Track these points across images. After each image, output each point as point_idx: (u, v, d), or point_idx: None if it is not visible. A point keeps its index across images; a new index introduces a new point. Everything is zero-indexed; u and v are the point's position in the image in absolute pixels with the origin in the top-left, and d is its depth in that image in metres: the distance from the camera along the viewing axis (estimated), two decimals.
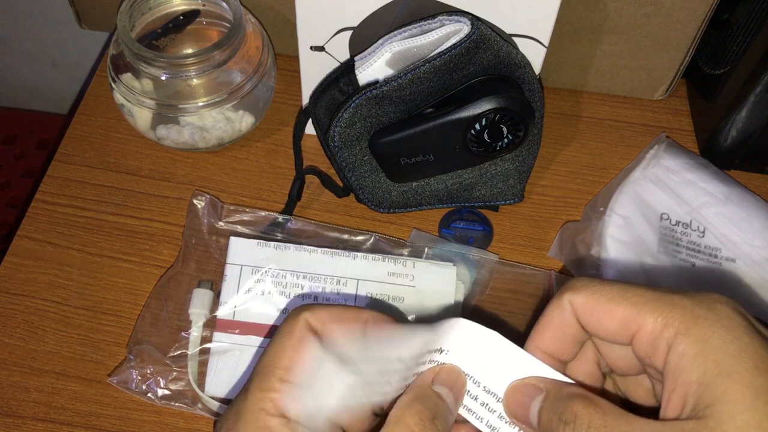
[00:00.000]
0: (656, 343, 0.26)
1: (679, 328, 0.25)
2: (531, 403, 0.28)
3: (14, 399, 0.46)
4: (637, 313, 0.26)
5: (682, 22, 0.53)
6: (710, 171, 0.53)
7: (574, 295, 0.28)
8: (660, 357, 0.26)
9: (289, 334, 0.30)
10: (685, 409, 0.24)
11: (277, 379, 0.29)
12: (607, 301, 0.27)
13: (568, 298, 0.28)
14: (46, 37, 0.91)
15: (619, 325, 0.27)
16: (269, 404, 0.29)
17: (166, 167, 0.56)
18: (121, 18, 0.51)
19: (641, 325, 0.26)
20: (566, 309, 0.28)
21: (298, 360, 0.30)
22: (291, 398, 0.29)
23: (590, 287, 0.28)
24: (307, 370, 0.30)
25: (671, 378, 0.25)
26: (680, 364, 0.25)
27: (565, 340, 0.29)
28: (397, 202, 0.52)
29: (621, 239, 0.50)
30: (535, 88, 0.48)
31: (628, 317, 0.26)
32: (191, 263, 0.50)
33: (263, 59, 0.54)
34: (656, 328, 0.26)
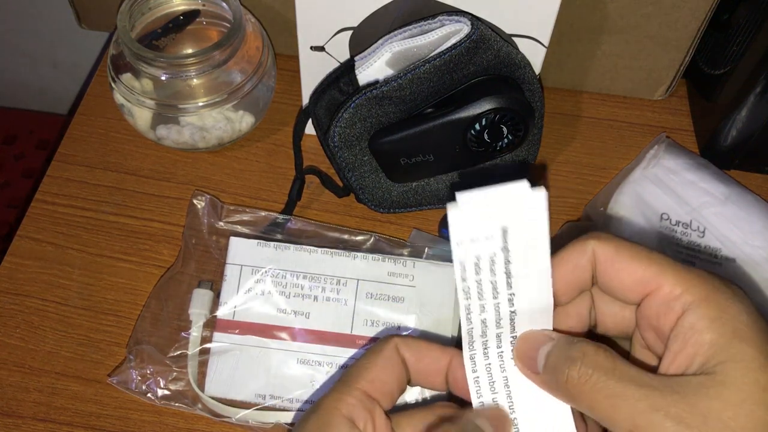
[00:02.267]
0: (672, 304, 0.26)
1: (699, 294, 0.26)
2: (540, 348, 0.29)
3: (14, 399, 0.46)
4: (659, 273, 0.27)
5: (682, 22, 0.53)
6: (710, 171, 0.53)
7: (599, 242, 0.28)
8: (671, 318, 0.26)
9: (379, 352, 0.32)
10: (691, 367, 0.25)
11: (358, 388, 0.31)
12: (629, 256, 0.28)
13: (593, 244, 0.29)
14: (46, 37, 0.91)
15: (636, 281, 0.27)
16: (343, 405, 0.30)
17: (166, 167, 0.56)
18: (121, 18, 0.51)
19: (660, 285, 0.27)
20: (587, 253, 0.29)
21: (382, 377, 0.32)
22: (364, 409, 0.31)
23: (616, 240, 0.28)
24: (387, 387, 0.32)
25: (681, 339, 0.26)
26: (696, 326, 0.26)
27: (572, 281, 0.30)
28: (397, 202, 0.52)
29: None
30: (535, 88, 0.48)
31: (649, 276, 0.27)
32: (191, 263, 0.50)
33: (263, 59, 0.54)
34: (675, 291, 0.26)
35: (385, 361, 0.32)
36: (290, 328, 0.46)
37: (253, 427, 0.44)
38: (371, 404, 0.31)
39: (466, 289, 0.29)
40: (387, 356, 0.32)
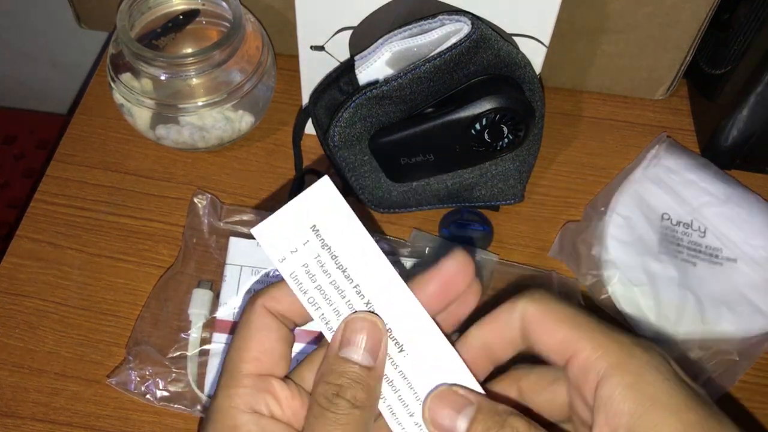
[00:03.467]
0: (589, 371, 0.26)
1: (613, 361, 0.26)
2: (458, 417, 0.27)
3: (13, 399, 0.46)
4: (576, 338, 0.27)
5: (682, 21, 0.53)
6: (711, 171, 0.53)
7: (528, 303, 0.28)
8: (590, 386, 0.26)
9: (247, 325, 0.29)
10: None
11: (244, 374, 0.28)
12: (553, 319, 0.28)
13: (523, 303, 0.29)
14: (46, 37, 0.91)
15: (557, 344, 0.27)
16: (238, 400, 0.28)
17: (166, 167, 0.56)
18: (121, 18, 0.51)
19: (577, 350, 0.27)
20: (516, 312, 0.29)
21: (265, 349, 0.29)
22: (261, 392, 0.28)
23: (545, 302, 0.28)
24: (276, 354, 0.29)
25: (602, 409, 0.25)
26: (613, 395, 0.25)
27: (503, 338, 0.29)
28: (397, 202, 0.52)
29: (622, 239, 0.50)
30: (535, 88, 0.48)
31: (568, 340, 0.27)
32: (191, 263, 0.50)
33: (263, 59, 0.54)
34: (591, 357, 0.26)
35: (260, 332, 0.29)
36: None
37: None
38: (265, 383, 0.28)
39: (311, 300, 0.29)
40: (260, 325, 0.29)
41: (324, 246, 0.29)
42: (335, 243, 0.29)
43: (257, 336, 0.29)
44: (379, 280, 0.29)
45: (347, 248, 0.29)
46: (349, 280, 0.29)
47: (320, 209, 0.29)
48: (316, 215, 0.29)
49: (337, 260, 0.29)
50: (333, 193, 0.29)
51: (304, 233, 0.29)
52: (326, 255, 0.29)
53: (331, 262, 0.29)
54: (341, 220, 0.29)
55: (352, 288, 0.29)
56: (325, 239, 0.29)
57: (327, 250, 0.29)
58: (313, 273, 0.29)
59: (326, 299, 0.29)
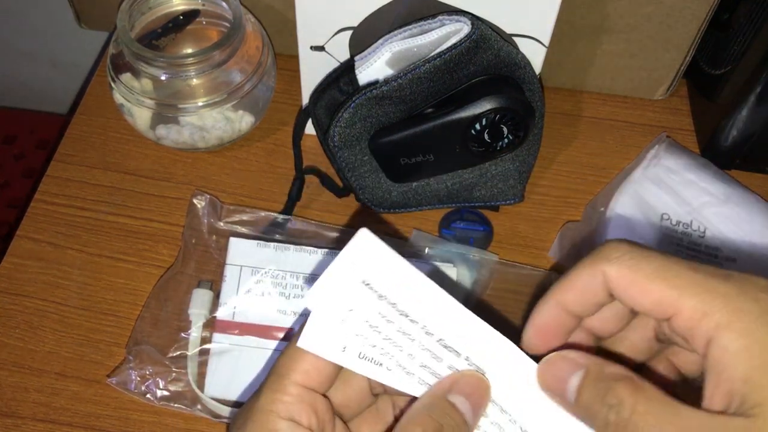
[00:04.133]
0: (694, 331, 0.24)
1: (720, 320, 0.24)
2: (569, 378, 0.27)
3: (13, 399, 0.46)
4: (676, 296, 0.25)
5: (682, 21, 0.53)
6: (711, 171, 0.53)
7: (609, 266, 0.26)
8: (699, 344, 0.24)
9: None
10: (732, 405, 0.23)
11: (292, 383, 0.28)
12: (644, 279, 0.25)
13: (603, 268, 0.26)
14: (46, 37, 0.91)
15: (655, 304, 0.25)
16: (280, 406, 0.28)
17: (166, 167, 0.56)
18: (121, 18, 0.51)
19: (679, 309, 0.25)
20: (597, 278, 0.27)
21: (317, 364, 0.29)
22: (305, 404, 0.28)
23: (627, 260, 0.26)
24: (326, 372, 0.29)
25: (714, 372, 0.24)
26: (723, 359, 0.24)
27: (588, 303, 0.28)
28: (397, 202, 0.52)
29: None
30: (535, 88, 0.48)
31: (666, 299, 0.25)
32: (191, 263, 0.50)
33: (263, 59, 0.54)
34: (695, 316, 0.24)
35: None
36: (290, 329, 0.46)
37: None
38: (312, 397, 0.29)
39: (383, 352, 0.28)
40: None
41: (380, 297, 0.28)
42: (390, 292, 0.28)
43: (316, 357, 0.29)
44: (444, 315, 0.28)
45: (404, 293, 0.28)
46: (415, 323, 0.28)
47: (366, 262, 0.28)
48: (364, 269, 0.28)
49: (396, 307, 0.28)
50: (375, 243, 0.28)
51: (357, 290, 0.28)
52: (384, 306, 0.28)
53: (393, 311, 0.28)
54: (391, 268, 0.28)
55: (419, 330, 0.28)
56: (380, 291, 0.28)
57: (383, 300, 0.28)
58: (377, 325, 0.28)
59: (396, 346, 0.28)
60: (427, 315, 0.28)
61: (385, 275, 0.28)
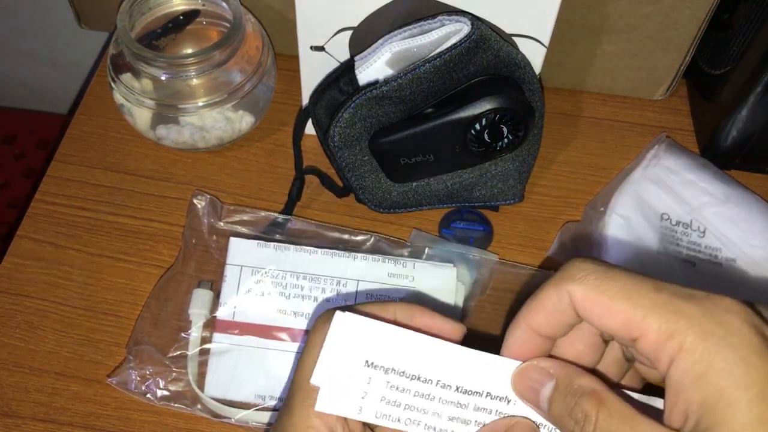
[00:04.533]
0: (658, 353, 0.25)
1: (683, 342, 0.24)
2: (541, 389, 0.28)
3: (14, 399, 0.46)
4: (641, 318, 0.25)
5: (682, 22, 0.53)
6: (710, 171, 0.53)
7: (574, 286, 0.26)
8: (662, 365, 0.25)
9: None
10: (687, 424, 0.24)
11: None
12: (608, 300, 0.26)
13: (568, 289, 0.27)
14: (46, 37, 0.91)
15: (621, 325, 0.26)
16: (316, 421, 0.28)
17: (166, 167, 0.56)
18: (121, 18, 0.51)
19: (644, 331, 0.25)
20: (564, 299, 0.27)
21: None
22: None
23: (592, 280, 0.26)
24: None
25: (673, 391, 0.25)
26: (683, 382, 0.24)
27: (558, 324, 0.28)
28: (397, 202, 0.52)
29: (621, 239, 0.50)
30: (535, 88, 0.48)
31: (631, 320, 0.25)
32: (191, 263, 0.50)
33: (263, 59, 0.54)
34: (660, 338, 0.24)
35: None
36: (290, 329, 0.46)
37: (253, 427, 0.44)
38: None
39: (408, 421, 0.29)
40: None
41: (387, 371, 0.29)
42: (393, 361, 0.29)
43: None
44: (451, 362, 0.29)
45: (406, 357, 0.29)
46: (428, 381, 0.29)
47: (357, 341, 0.28)
48: (358, 350, 0.28)
49: (405, 374, 0.29)
50: (356, 321, 0.28)
51: (362, 372, 0.28)
52: (394, 378, 0.29)
53: (402, 378, 0.29)
54: (382, 338, 0.29)
55: (435, 386, 0.29)
56: (383, 365, 0.29)
57: (392, 372, 0.29)
58: (394, 399, 0.29)
59: (420, 411, 0.29)
60: (436, 369, 0.29)
61: (381, 347, 0.29)
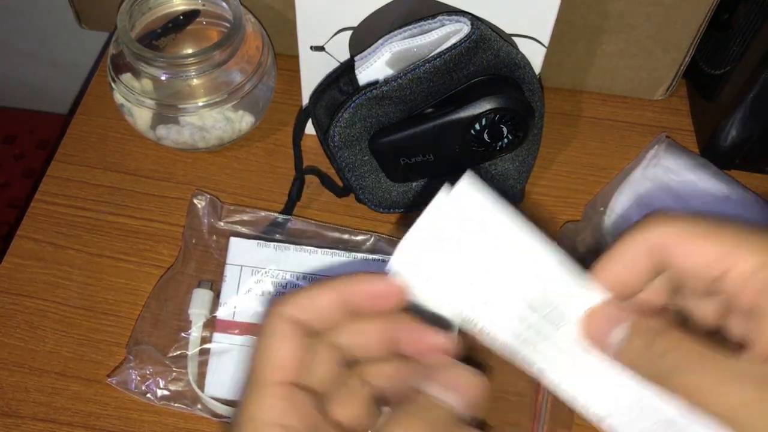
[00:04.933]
0: (749, 282, 0.25)
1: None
2: (612, 330, 0.27)
3: (14, 399, 0.46)
4: (733, 250, 0.25)
5: (682, 22, 0.53)
6: (710, 171, 0.53)
7: (660, 227, 0.26)
8: (750, 296, 0.25)
9: (271, 334, 0.28)
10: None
11: (271, 384, 0.28)
12: (699, 236, 0.26)
13: (653, 229, 0.27)
14: (46, 37, 0.91)
15: (709, 261, 0.25)
16: (270, 412, 0.27)
17: (166, 167, 0.56)
18: (121, 18, 0.51)
19: (735, 262, 0.25)
20: (648, 240, 0.27)
21: (289, 358, 0.28)
22: (291, 404, 0.28)
23: (679, 220, 0.26)
24: (299, 364, 0.28)
25: (760, 323, 0.24)
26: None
27: (638, 273, 0.27)
28: (397, 202, 0.52)
29: None
30: (535, 88, 0.48)
31: (722, 254, 0.25)
32: (191, 263, 0.50)
33: (263, 59, 0.54)
34: (754, 267, 0.24)
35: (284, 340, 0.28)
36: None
37: None
38: (294, 392, 0.28)
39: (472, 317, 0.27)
40: (283, 333, 0.28)
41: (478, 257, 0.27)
42: (486, 248, 0.27)
43: (282, 345, 0.28)
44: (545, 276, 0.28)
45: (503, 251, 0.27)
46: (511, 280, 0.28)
47: (463, 219, 0.27)
48: (458, 229, 0.27)
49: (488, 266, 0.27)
50: (471, 198, 0.27)
51: (450, 245, 0.27)
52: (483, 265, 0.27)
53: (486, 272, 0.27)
54: (495, 228, 0.27)
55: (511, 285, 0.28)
56: (477, 248, 0.27)
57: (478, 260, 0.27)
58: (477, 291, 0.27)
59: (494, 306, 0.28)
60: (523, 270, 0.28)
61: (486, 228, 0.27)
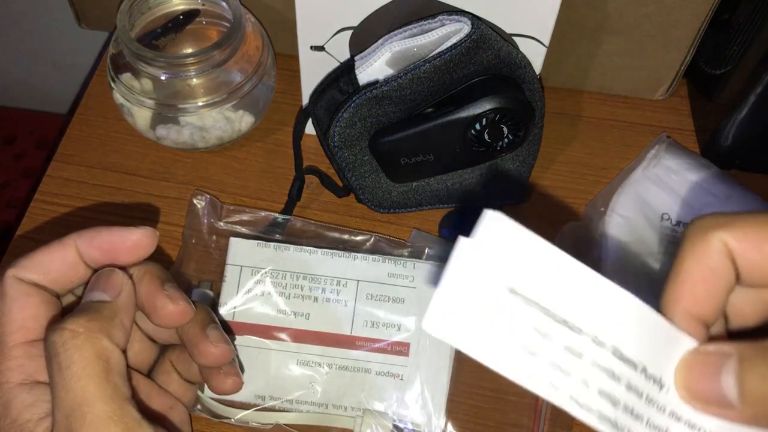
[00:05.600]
0: None
1: None
2: (720, 373, 0.21)
3: None
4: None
5: (683, 21, 0.53)
6: (711, 171, 0.53)
7: (727, 232, 0.21)
8: None
9: (2, 298, 0.29)
10: None
11: (13, 346, 0.28)
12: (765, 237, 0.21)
13: (720, 237, 0.22)
14: (46, 37, 0.91)
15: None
16: (11, 374, 0.28)
17: (166, 167, 0.56)
18: (121, 18, 0.51)
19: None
20: (716, 252, 0.22)
21: (26, 316, 0.29)
22: (31, 360, 0.28)
23: (745, 221, 0.22)
24: (41, 321, 0.29)
25: None
26: None
27: (716, 294, 0.22)
28: (398, 202, 0.52)
29: (622, 240, 0.50)
30: (535, 88, 0.48)
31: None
32: (191, 263, 0.50)
33: (263, 59, 0.54)
34: None
35: (18, 300, 0.29)
36: (290, 329, 0.46)
37: (253, 427, 0.44)
38: (39, 349, 0.28)
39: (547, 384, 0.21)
40: (16, 294, 0.29)
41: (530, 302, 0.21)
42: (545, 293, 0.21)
43: (16, 305, 0.29)
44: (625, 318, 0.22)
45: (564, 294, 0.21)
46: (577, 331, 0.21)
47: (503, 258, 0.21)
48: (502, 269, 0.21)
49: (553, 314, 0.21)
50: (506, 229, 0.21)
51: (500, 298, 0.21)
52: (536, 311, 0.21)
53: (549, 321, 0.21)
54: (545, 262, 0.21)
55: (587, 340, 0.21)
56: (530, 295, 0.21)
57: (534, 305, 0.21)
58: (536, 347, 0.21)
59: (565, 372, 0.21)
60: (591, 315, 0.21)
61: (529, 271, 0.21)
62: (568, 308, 0.21)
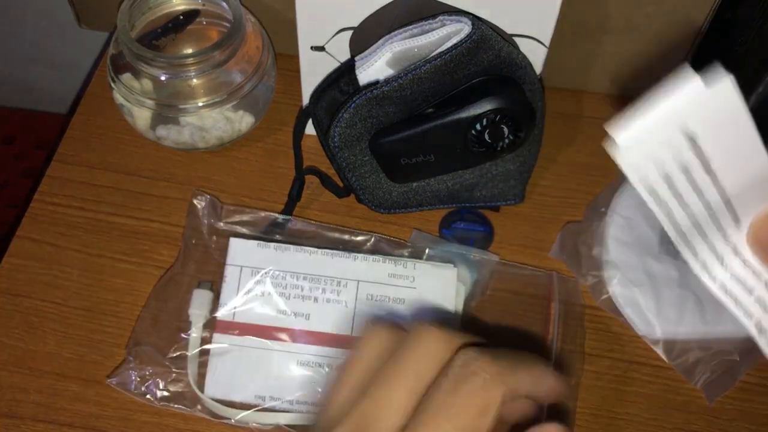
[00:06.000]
0: None
1: None
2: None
3: (14, 400, 0.46)
4: None
5: (682, 21, 0.53)
6: None
7: None
8: None
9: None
10: None
11: None
12: None
13: None
14: (46, 37, 0.91)
15: None
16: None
17: (166, 167, 0.56)
18: (121, 18, 0.51)
19: None
20: None
21: None
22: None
23: None
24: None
25: None
26: None
27: None
28: (398, 203, 0.52)
29: (622, 240, 0.50)
30: (536, 88, 0.48)
31: None
32: (191, 264, 0.50)
33: (263, 59, 0.54)
34: None
35: None
36: (290, 330, 0.46)
37: (253, 428, 0.44)
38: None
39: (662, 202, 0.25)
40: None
41: (697, 154, 0.24)
42: (713, 150, 0.23)
43: None
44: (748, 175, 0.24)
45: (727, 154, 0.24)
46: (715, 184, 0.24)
47: (702, 116, 0.23)
48: (692, 122, 0.23)
49: (708, 166, 0.24)
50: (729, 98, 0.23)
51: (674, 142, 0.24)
52: (695, 162, 0.24)
53: (701, 169, 0.24)
54: (730, 131, 0.23)
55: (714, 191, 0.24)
56: (701, 147, 0.23)
57: (699, 157, 0.24)
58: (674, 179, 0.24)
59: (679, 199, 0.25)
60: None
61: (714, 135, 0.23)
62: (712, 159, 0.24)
